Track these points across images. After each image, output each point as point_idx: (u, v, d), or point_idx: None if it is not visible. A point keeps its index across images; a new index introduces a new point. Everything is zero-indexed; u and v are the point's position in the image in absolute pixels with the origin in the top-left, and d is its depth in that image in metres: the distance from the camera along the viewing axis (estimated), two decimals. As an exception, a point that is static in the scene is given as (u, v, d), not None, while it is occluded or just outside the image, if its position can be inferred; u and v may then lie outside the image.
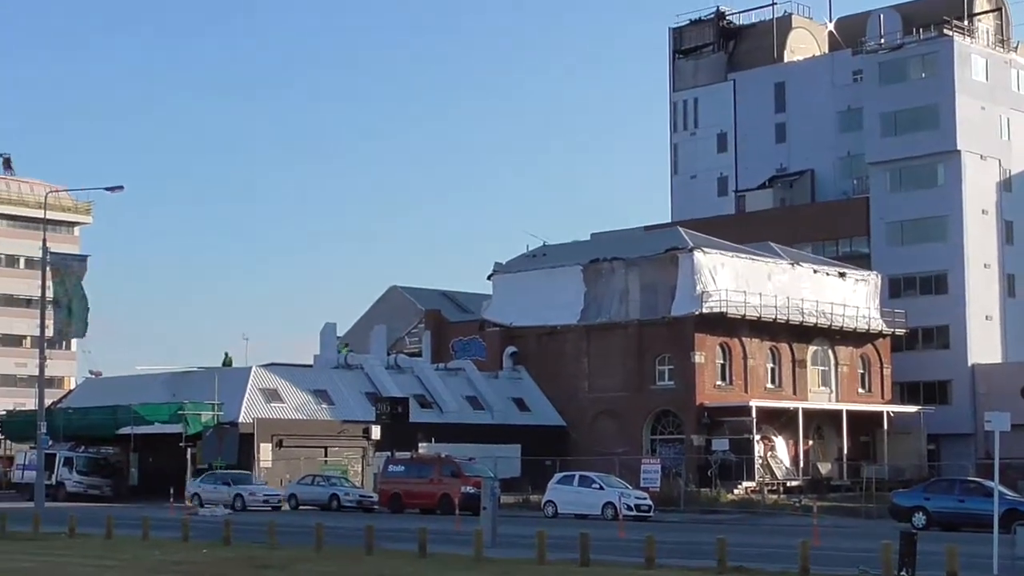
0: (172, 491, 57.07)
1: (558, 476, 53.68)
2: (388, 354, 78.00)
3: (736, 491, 62.85)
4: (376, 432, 64.33)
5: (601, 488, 50.37)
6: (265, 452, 64.62)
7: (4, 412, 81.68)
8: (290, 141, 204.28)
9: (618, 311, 73.75)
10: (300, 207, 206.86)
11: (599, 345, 74.06)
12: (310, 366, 74.44)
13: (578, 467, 58.88)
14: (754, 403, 68.00)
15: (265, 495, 56.75)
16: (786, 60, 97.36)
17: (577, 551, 27.20)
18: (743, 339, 71.85)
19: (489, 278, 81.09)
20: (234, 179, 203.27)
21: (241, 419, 63.88)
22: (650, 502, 50.49)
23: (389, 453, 59.23)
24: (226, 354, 72.15)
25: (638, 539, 30.12)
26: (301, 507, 57.13)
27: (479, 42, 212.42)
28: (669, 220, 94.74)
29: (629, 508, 48.42)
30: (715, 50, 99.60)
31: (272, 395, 67.15)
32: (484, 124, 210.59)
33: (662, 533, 34.56)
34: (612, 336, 73.57)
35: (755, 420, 67.24)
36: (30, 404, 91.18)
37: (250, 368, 69.06)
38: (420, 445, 64.70)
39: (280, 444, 65.29)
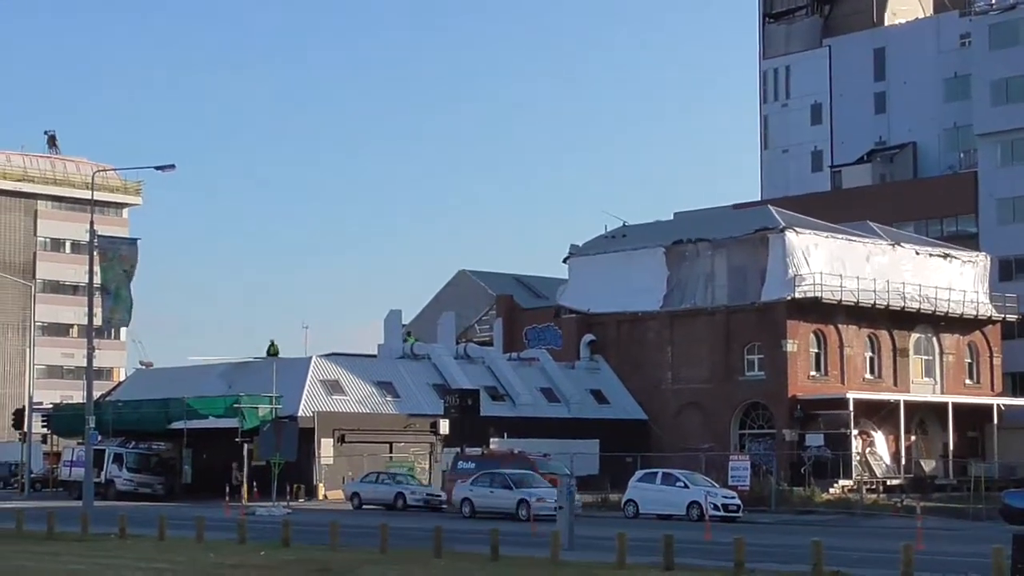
0: (228, 489, 57.58)
1: (639, 474, 53.60)
2: (457, 343, 78.21)
3: (832, 490, 62.44)
4: (444, 426, 64.49)
5: (686, 486, 50.22)
6: (326, 448, 65.07)
7: (51, 405, 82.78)
8: (352, 120, 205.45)
9: (703, 296, 73.47)
10: (362, 188, 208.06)
11: (683, 333, 73.83)
12: (374, 356, 74.79)
13: (661, 464, 58.76)
14: (851, 395, 67.52)
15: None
16: (887, 23, 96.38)
17: (660, 554, 27.15)
18: (839, 326, 71.33)
19: (565, 261, 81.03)
20: (293, 160, 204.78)
21: (301, 413, 64.30)
22: (738, 502, 50.26)
23: (458, 449, 59.41)
24: (272, 343, 71.96)
25: (726, 541, 29.99)
26: (364, 506, 57.47)
27: (552, 14, 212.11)
28: (758, 198, 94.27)
29: (716, 508, 48.25)
30: (809, 13, 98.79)
31: (334, 387, 67.55)
32: (559, 99, 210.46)
33: (752, 535, 34.41)
34: (697, 323, 73.32)
35: (852, 413, 66.76)
36: (77, 397, 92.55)
37: (310, 358, 69.50)
38: (491, 440, 64.83)
39: (342, 439, 65.70)
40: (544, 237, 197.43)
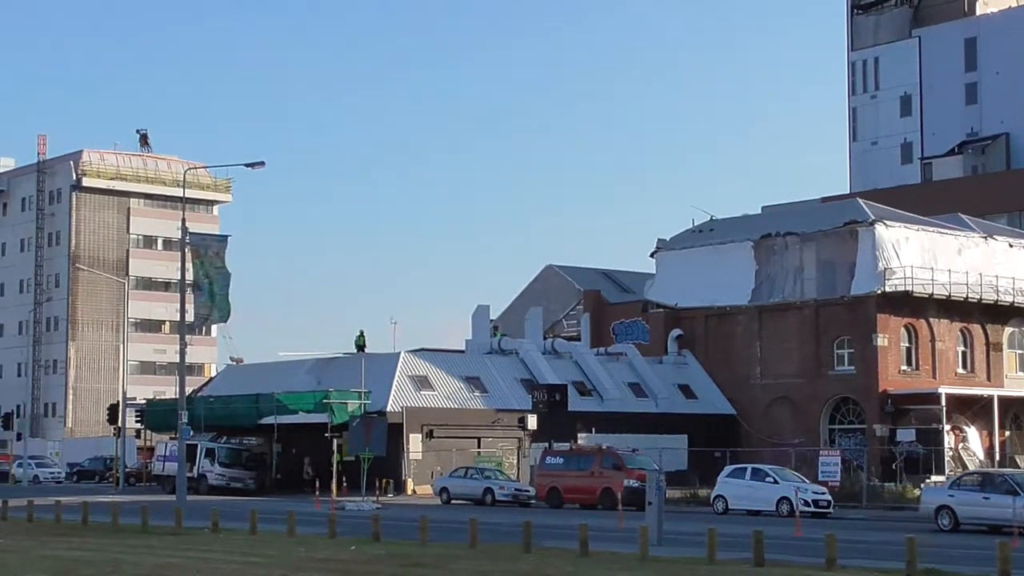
0: (318, 483, 57.99)
1: (728, 469, 53.29)
2: (544, 338, 78.21)
3: (924, 486, 61.68)
4: (532, 421, 64.58)
5: (775, 482, 49.86)
6: (415, 443, 65.35)
7: (144, 401, 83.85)
8: (441, 118, 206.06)
9: (792, 290, 72.96)
10: (450, 184, 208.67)
11: (772, 327, 73.38)
12: (462, 351, 75.00)
13: (749, 459, 58.45)
14: (943, 390, 66.72)
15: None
16: (979, 13, 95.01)
17: (750, 550, 26.96)
18: (930, 320, 70.52)
19: (652, 256, 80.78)
20: (382, 156, 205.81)
21: (389, 408, 64.64)
22: (829, 497, 49.81)
23: (546, 444, 59.44)
24: (361, 333, 72.19)
25: (817, 537, 29.75)
26: (453, 501, 57.64)
27: (637, 9, 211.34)
28: (847, 191, 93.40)
29: (806, 504, 47.87)
30: (898, 4, 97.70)
31: (422, 382, 67.82)
32: (645, 94, 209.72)
33: (843, 531, 34.11)
34: (786, 317, 72.85)
35: (945, 408, 65.95)
36: (170, 392, 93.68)
37: (398, 354, 69.81)
38: (579, 435, 64.84)
39: (430, 435, 65.95)
40: (631, 232, 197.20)
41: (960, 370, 71.70)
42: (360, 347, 71.65)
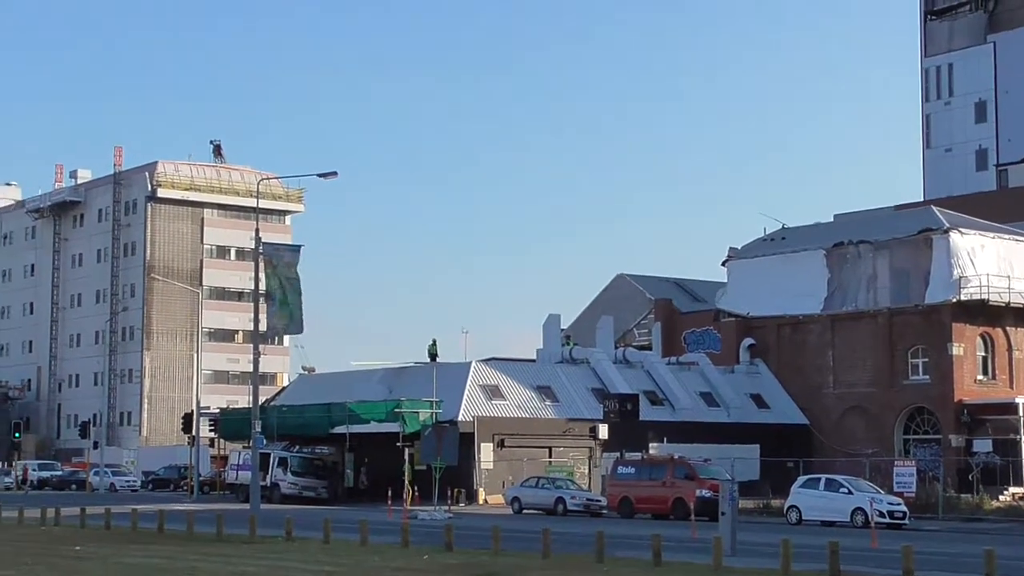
0: (390, 493, 58.14)
1: (802, 479, 52.93)
2: (615, 347, 78.12)
3: (1001, 497, 61.00)
4: (604, 431, 64.50)
5: (850, 492, 49.47)
6: (486, 452, 65.40)
7: (217, 410, 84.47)
8: (510, 125, 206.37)
9: (866, 299, 72.46)
10: (521, 192, 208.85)
11: (845, 336, 72.91)
12: (532, 361, 75.02)
13: (823, 469, 58.07)
14: (1020, 400, 65.99)
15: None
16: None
17: (825, 561, 26.77)
18: (1007, 329, 69.77)
19: (723, 264, 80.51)
20: (452, 165, 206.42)
21: (460, 417, 64.76)
22: (905, 508, 49.35)
23: (618, 454, 59.33)
24: (433, 341, 72.49)
25: (893, 549, 29.49)
26: (524, 511, 57.62)
27: (710, 15, 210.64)
28: (921, 198, 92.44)
29: (881, 515, 47.42)
30: (972, 9, 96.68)
31: (493, 392, 67.91)
32: (716, 101, 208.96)
33: (919, 543, 33.73)
34: (859, 326, 72.37)
35: (1022, 419, 65.18)
36: (243, 401, 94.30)
37: (469, 363, 69.95)
38: (651, 445, 64.66)
39: (502, 444, 66.00)
40: (702, 240, 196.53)
41: (1038, 380, 70.84)
42: (433, 356, 71.91)
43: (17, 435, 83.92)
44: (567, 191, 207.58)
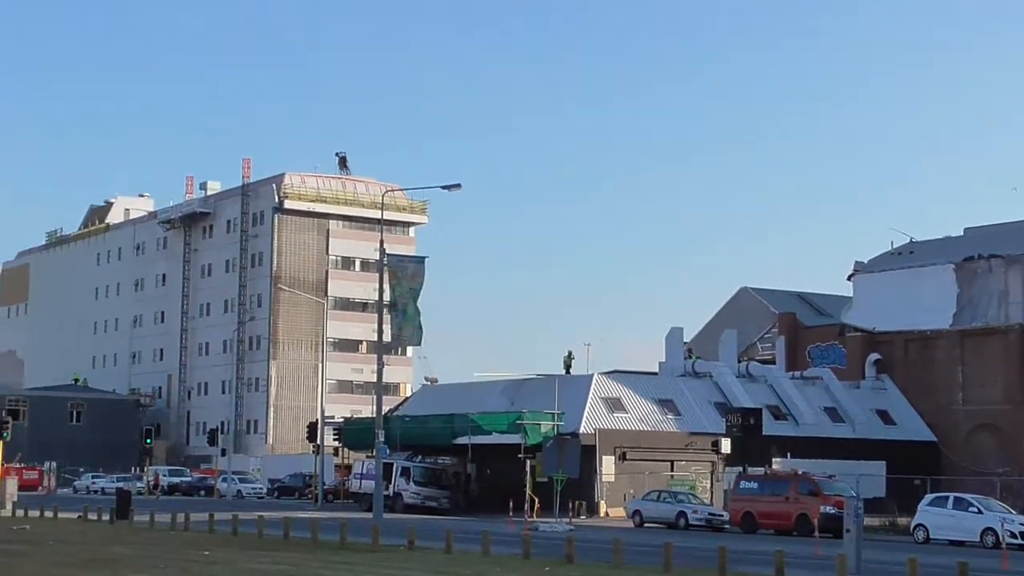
0: (511, 504, 58.31)
1: (929, 497, 52.07)
2: (739, 361, 77.64)
3: None
4: (726, 445, 63.98)
5: (980, 512, 48.55)
6: (608, 465, 65.31)
7: (341, 419, 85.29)
8: (636, 139, 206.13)
9: (996, 314, 71.26)
10: (644, 205, 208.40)
11: (975, 352, 71.72)
12: (655, 374, 74.80)
13: (952, 487, 57.13)
14: None
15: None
16: None
17: (953, 582, 26.37)
18: None
19: (849, 279, 79.70)
20: (576, 177, 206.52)
21: (582, 430, 64.76)
22: (1037, 529, 48.29)
23: (740, 468, 58.89)
24: (569, 352, 73.15)
25: (1024, 571, 28.96)
26: (646, 524, 57.45)
27: (836, 29, 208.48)
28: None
29: (1013, 536, 46.40)
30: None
31: (615, 404, 67.81)
32: (841, 115, 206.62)
33: (1051, 564, 33.13)
34: (990, 342, 71.17)
35: None
36: (366, 411, 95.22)
37: (591, 376, 69.95)
38: (774, 460, 64.07)
39: (623, 457, 65.86)
40: (827, 254, 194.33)
41: None
42: (568, 367, 72.51)
43: (148, 441, 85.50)
44: (690, 203, 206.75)
